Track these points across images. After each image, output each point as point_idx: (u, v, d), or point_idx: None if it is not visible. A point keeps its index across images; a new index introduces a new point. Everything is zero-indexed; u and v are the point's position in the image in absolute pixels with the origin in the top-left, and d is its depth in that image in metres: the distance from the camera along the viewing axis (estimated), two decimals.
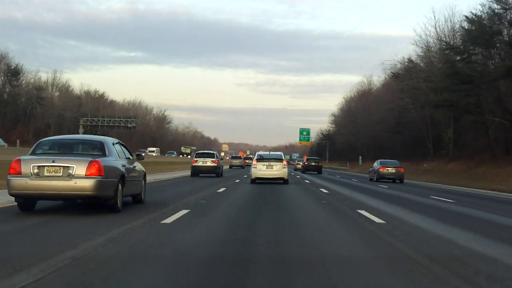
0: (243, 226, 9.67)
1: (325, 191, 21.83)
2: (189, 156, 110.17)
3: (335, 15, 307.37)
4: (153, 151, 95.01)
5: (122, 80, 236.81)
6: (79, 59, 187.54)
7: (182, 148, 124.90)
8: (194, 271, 5.85)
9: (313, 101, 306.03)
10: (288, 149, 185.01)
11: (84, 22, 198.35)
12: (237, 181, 28.52)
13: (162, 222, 9.81)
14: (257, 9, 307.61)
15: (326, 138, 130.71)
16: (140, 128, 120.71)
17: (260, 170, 25.53)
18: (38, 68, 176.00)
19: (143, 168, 13.97)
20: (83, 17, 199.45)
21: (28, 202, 10.87)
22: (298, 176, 41.44)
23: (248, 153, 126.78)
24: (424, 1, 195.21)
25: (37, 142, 11.68)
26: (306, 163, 56.36)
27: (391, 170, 36.15)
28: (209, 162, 34.46)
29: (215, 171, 34.27)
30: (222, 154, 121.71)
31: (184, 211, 11.63)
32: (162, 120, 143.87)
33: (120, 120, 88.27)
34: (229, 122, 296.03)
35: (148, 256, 6.63)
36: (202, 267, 6.05)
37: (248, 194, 18.47)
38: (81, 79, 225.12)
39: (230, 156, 79.98)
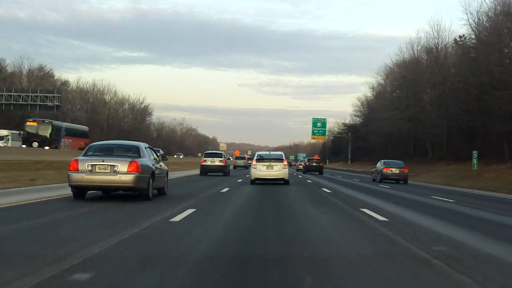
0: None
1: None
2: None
3: (339, 15, 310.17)
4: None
5: (124, 81, 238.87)
6: (81, 59, 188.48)
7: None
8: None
9: (315, 102, 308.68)
10: (292, 149, 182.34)
11: (86, 21, 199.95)
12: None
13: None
14: (260, 9, 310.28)
15: (351, 130, 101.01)
16: (112, 121, 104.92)
17: (260, 170, 25.49)
18: None
19: (166, 167, 17.28)
20: (85, 17, 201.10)
21: (80, 193, 14.19)
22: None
23: (249, 153, 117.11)
24: (428, 2, 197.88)
25: (88, 146, 15.25)
26: (307, 163, 58.11)
27: (394, 170, 36.27)
28: (217, 162, 37.46)
29: (223, 170, 37.26)
30: None
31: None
32: (142, 113, 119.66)
33: (36, 97, 63.37)
34: (231, 122, 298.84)
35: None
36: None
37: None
38: (83, 79, 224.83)
39: (235, 157, 76.31)
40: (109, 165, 13.64)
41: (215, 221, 10.64)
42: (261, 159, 25.96)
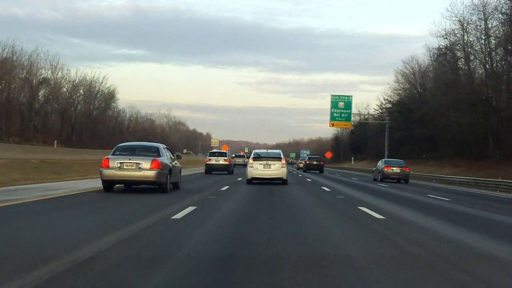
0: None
1: None
2: None
3: (339, 13, 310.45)
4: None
5: (123, 78, 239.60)
6: (80, 57, 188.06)
7: None
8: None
9: (314, 101, 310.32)
10: (292, 146, 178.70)
11: (85, 19, 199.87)
12: None
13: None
14: (260, 7, 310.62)
15: (398, 109, 70.96)
16: (57, 106, 77.42)
17: (256, 169, 24.60)
18: None
19: (180, 165, 19.98)
20: (84, 14, 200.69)
21: (109, 186, 16.85)
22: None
23: (246, 150, 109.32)
24: (428, 0, 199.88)
25: (116, 147, 17.87)
26: (307, 162, 58.60)
27: (396, 169, 36.00)
28: (221, 161, 39.53)
29: (227, 169, 39.20)
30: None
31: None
32: (105, 98, 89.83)
33: None
34: (229, 120, 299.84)
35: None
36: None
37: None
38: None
39: (234, 155, 71.95)
40: (135, 162, 16.30)
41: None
42: (258, 157, 25.04)
